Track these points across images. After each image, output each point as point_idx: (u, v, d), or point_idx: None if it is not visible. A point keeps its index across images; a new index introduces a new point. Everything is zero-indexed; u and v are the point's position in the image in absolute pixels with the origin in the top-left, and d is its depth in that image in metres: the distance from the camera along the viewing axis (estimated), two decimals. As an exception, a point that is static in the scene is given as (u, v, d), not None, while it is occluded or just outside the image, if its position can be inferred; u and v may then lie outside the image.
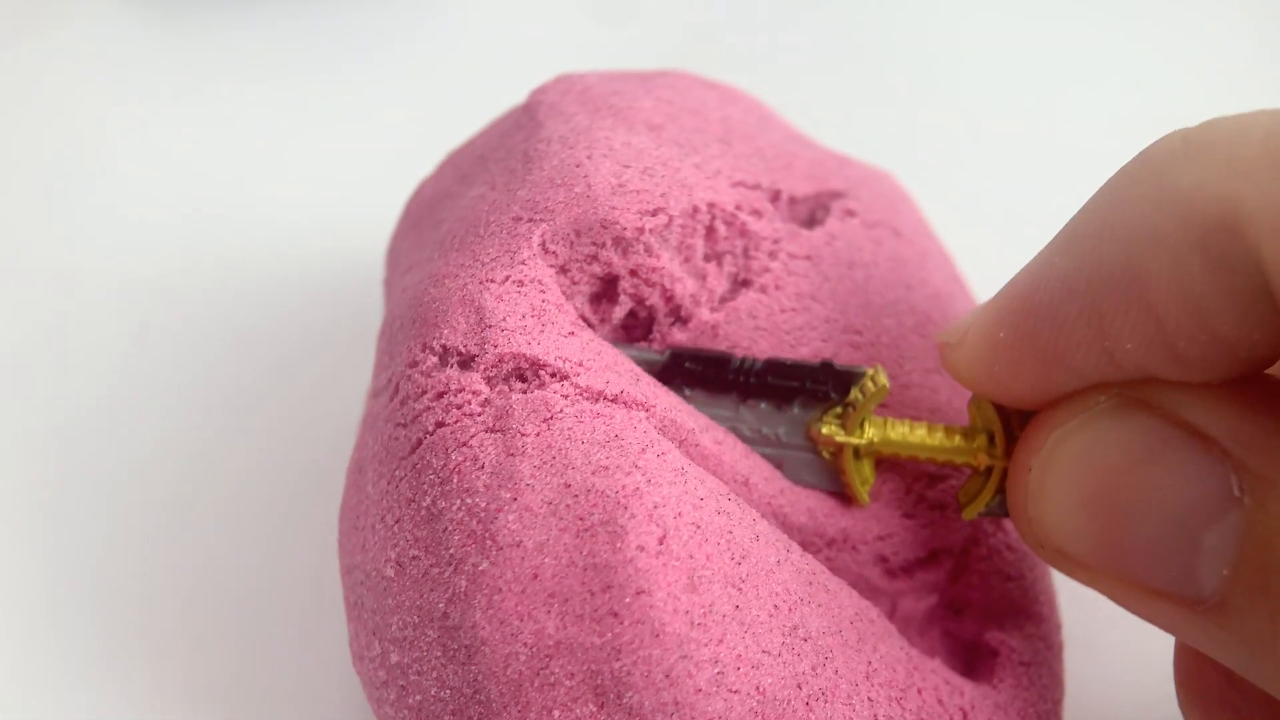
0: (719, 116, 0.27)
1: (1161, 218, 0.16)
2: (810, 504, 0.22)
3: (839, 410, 0.22)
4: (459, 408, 0.20)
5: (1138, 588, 0.17)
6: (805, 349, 0.22)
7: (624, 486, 0.19)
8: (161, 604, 0.29)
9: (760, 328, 0.22)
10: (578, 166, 0.23)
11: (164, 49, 0.43)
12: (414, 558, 0.20)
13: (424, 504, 0.20)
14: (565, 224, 0.22)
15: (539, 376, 0.20)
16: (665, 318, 0.23)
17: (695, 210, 0.23)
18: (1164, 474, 0.17)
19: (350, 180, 0.38)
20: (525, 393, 0.20)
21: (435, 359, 0.21)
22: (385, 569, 0.20)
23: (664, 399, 0.21)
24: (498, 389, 0.20)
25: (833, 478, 0.23)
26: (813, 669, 0.19)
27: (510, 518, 0.19)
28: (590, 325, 0.23)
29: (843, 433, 0.22)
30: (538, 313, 0.21)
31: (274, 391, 0.33)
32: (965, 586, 0.24)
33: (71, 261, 0.37)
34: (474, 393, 0.20)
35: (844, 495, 0.23)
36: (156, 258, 0.37)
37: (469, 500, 0.19)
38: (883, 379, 0.22)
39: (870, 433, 0.22)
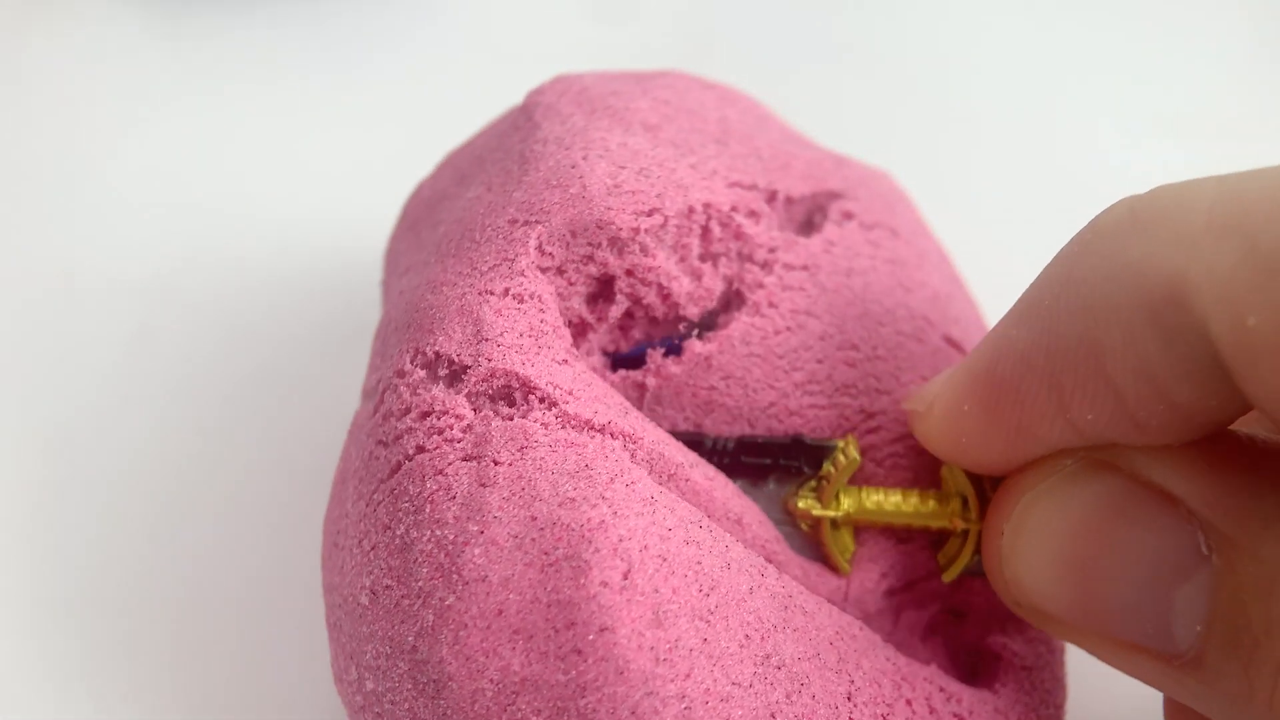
0: (716, 117, 0.27)
1: (1112, 291, 0.16)
2: (803, 563, 0.22)
3: (814, 484, 0.22)
4: (440, 433, 0.20)
5: (1115, 643, 0.17)
6: (799, 373, 0.22)
7: (589, 520, 0.18)
8: (159, 604, 0.29)
9: (754, 354, 0.22)
10: (573, 167, 0.23)
11: (164, 49, 0.43)
12: (387, 587, 0.20)
13: (398, 532, 0.20)
14: (561, 225, 0.22)
15: (528, 401, 0.20)
16: (657, 348, 0.23)
17: (691, 210, 0.23)
18: (1133, 534, 0.17)
19: (349, 181, 0.38)
20: (510, 419, 0.20)
21: (423, 372, 0.21)
22: (360, 596, 0.20)
23: (653, 433, 0.21)
24: (482, 414, 0.20)
25: (814, 549, 0.23)
26: (787, 697, 0.19)
27: (476, 552, 0.18)
28: (588, 326, 0.23)
29: (819, 505, 0.22)
30: (535, 333, 0.21)
31: (272, 392, 0.33)
32: (967, 592, 0.24)
33: (71, 261, 0.37)
34: (457, 416, 0.20)
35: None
36: (156, 257, 0.37)
37: (438, 532, 0.19)
38: (853, 451, 0.22)
39: (846, 504, 0.22)
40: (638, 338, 0.24)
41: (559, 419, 0.20)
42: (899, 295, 0.24)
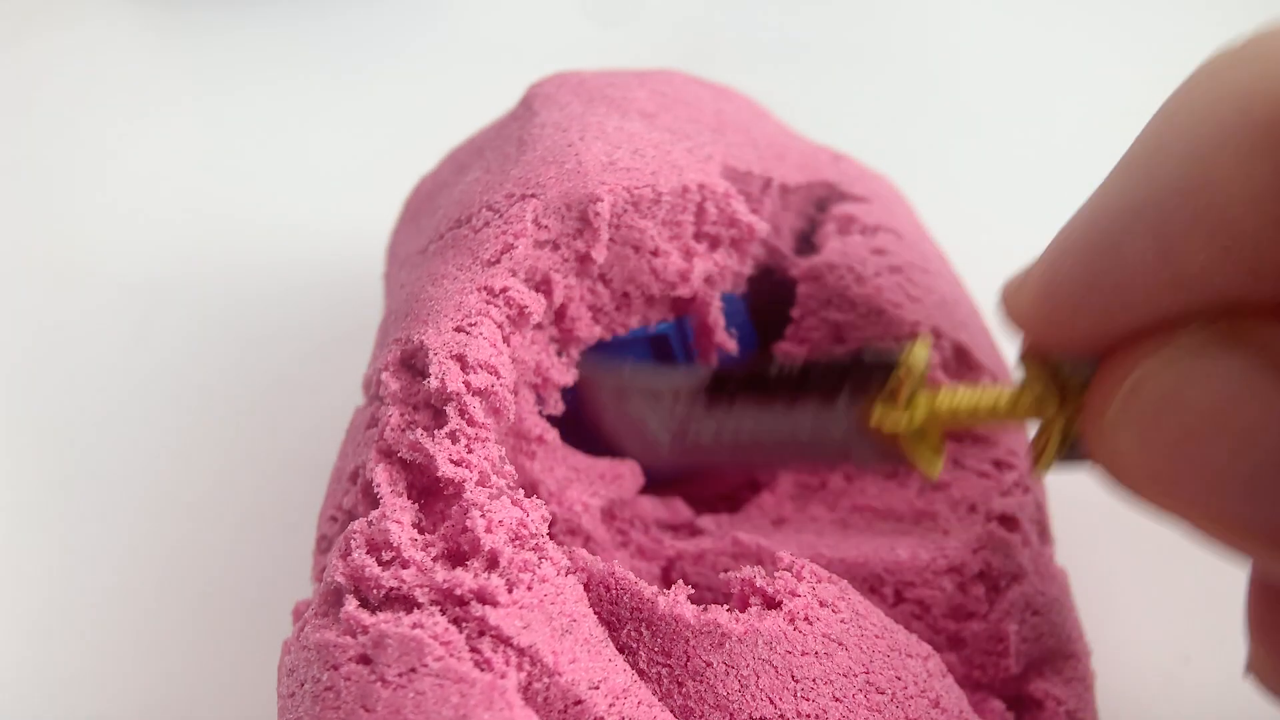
0: (712, 109, 0.27)
1: (1221, 119, 0.15)
2: None
3: (887, 395, 0.21)
4: (358, 587, 0.19)
5: (1224, 526, 0.16)
6: (807, 704, 0.20)
7: None
8: (157, 602, 0.29)
9: (770, 662, 0.20)
10: (569, 146, 0.23)
11: (165, 49, 0.43)
12: None
13: (300, 709, 0.19)
14: (556, 198, 0.22)
15: (478, 556, 0.19)
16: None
17: (685, 190, 0.23)
18: (1260, 416, 0.15)
19: (350, 179, 0.38)
20: (412, 626, 0.18)
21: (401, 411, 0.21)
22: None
23: (586, 668, 0.18)
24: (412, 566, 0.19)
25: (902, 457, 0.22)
26: None
27: None
28: (583, 301, 0.23)
29: (891, 417, 0.21)
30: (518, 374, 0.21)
31: (273, 390, 0.33)
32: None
33: (72, 261, 0.37)
34: (397, 522, 0.19)
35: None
36: (156, 258, 0.37)
37: None
38: (919, 357, 0.20)
39: (920, 411, 0.21)
40: (633, 323, 0.24)
41: (468, 630, 0.18)
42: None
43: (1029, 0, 0.44)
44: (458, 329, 0.21)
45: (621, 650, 0.20)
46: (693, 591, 0.20)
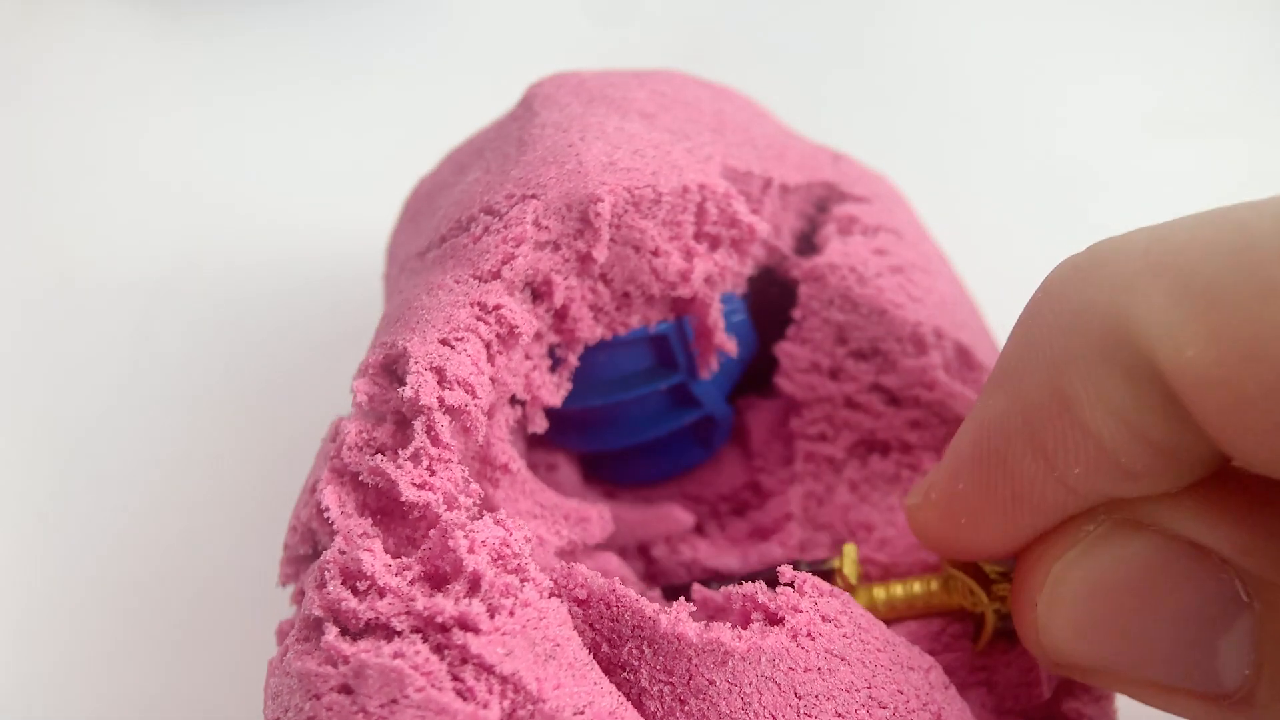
0: (712, 110, 0.27)
1: (1068, 340, 0.16)
2: None
3: None
4: (336, 614, 0.18)
5: (1159, 688, 0.18)
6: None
7: None
8: (156, 602, 0.29)
9: (773, 680, 0.19)
10: (570, 146, 0.23)
11: (165, 50, 0.43)
12: None
13: None
14: (557, 199, 0.22)
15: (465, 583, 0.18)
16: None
17: (685, 190, 0.23)
18: (1171, 589, 0.17)
19: (350, 180, 0.38)
20: (393, 654, 0.18)
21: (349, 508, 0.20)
22: None
23: (570, 693, 0.18)
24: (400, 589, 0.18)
25: None
26: None
27: None
28: (584, 302, 0.23)
29: None
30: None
31: (272, 391, 0.33)
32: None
33: (71, 261, 0.37)
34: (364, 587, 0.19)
35: None
36: (156, 257, 0.37)
37: None
38: (849, 569, 0.22)
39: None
40: (633, 323, 0.24)
41: (450, 658, 0.18)
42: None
43: (1028, 1, 0.44)
44: (443, 341, 0.21)
45: (622, 668, 0.20)
46: (694, 609, 0.20)
